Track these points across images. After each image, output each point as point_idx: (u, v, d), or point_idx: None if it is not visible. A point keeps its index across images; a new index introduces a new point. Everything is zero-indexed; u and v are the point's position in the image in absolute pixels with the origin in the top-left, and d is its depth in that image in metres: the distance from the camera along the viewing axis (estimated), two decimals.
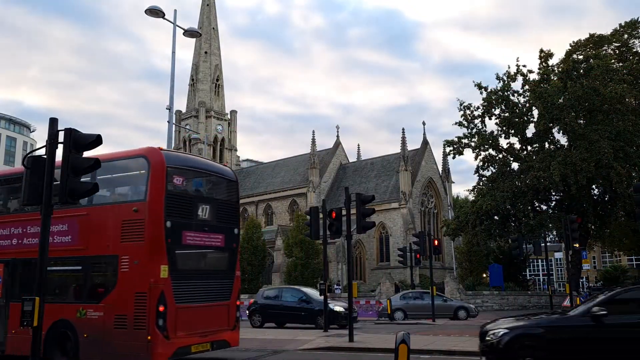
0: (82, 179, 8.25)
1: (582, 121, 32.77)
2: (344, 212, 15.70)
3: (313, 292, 22.29)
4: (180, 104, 77.47)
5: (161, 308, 9.71)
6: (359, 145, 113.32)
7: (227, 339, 11.45)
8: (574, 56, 35.00)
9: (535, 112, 34.38)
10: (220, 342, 11.30)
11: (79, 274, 11.16)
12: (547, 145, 34.88)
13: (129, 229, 10.28)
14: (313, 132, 61.36)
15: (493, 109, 35.78)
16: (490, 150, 36.14)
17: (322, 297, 19.11)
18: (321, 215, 17.89)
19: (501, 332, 9.06)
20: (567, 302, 25.40)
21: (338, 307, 20.78)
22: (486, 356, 9.29)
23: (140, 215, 10.18)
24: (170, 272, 10.02)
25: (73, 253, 11.00)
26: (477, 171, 36.96)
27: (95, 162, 8.23)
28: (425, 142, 58.22)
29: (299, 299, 21.67)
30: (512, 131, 35.44)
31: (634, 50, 35.51)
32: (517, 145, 36.00)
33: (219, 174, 12.46)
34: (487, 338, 9.23)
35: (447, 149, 39.97)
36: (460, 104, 36.52)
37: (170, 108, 20.16)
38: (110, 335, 9.92)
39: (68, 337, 10.45)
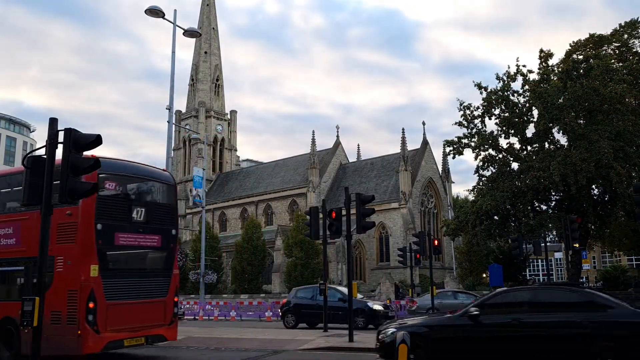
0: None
1: (582, 121, 32.74)
2: (343, 212, 15.70)
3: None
4: (180, 104, 77.60)
5: (91, 305, 10.43)
6: (358, 145, 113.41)
7: (163, 334, 12.15)
8: (574, 56, 34.96)
9: (535, 112, 34.35)
10: (156, 337, 11.98)
11: (21, 274, 11.84)
12: (547, 145, 34.85)
13: (64, 232, 11.00)
14: (313, 132, 61.50)
15: (493, 109, 35.73)
16: (490, 150, 36.10)
17: (360, 296, 19.02)
18: (321, 215, 17.89)
19: (390, 331, 9.60)
20: None
21: (377, 305, 19.83)
22: (379, 353, 9.84)
23: (73, 218, 10.95)
24: (101, 271, 10.77)
25: (16, 254, 11.70)
26: (477, 171, 36.92)
27: (95, 162, 8.25)
28: (425, 142, 58.25)
29: (337, 298, 20.76)
30: (512, 131, 35.40)
31: (634, 50, 35.47)
32: (517, 145, 35.96)
33: (156, 178, 12.92)
34: (379, 337, 9.79)
35: (447, 149, 39.93)
36: (460, 104, 36.49)
37: (170, 108, 20.18)
38: (47, 330, 10.40)
39: (12, 333, 11.14)
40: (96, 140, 8.17)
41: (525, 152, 35.70)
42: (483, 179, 36.83)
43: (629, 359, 7.88)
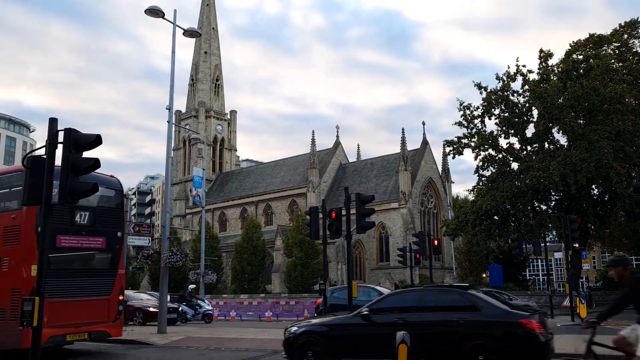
0: None
1: (581, 121, 32.75)
2: (343, 212, 15.70)
3: (388, 291, 21.19)
4: (180, 104, 77.58)
5: None
6: (358, 145, 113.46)
7: (107, 331, 12.87)
8: (574, 56, 34.98)
9: (535, 112, 34.37)
10: (99, 333, 12.72)
11: None
12: (546, 145, 34.87)
13: (9, 235, 11.94)
14: (313, 132, 61.46)
15: (493, 109, 35.76)
16: (490, 150, 36.12)
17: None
18: (321, 215, 17.87)
19: (293, 329, 10.42)
20: (567, 302, 25.40)
21: None
22: (284, 350, 10.48)
23: (17, 222, 11.84)
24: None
25: None
26: (476, 171, 36.95)
27: (95, 162, 8.25)
28: (425, 142, 58.24)
29: (372, 299, 20.39)
30: (512, 131, 35.43)
31: (634, 50, 35.47)
32: (517, 145, 35.99)
33: (101, 184, 13.44)
34: (285, 335, 10.51)
35: (447, 149, 39.98)
36: (460, 104, 36.52)
37: (170, 108, 20.16)
38: None
39: None
40: (96, 140, 8.14)
41: (525, 152, 35.71)
42: (483, 179, 36.85)
43: (500, 355, 8.17)
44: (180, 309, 25.54)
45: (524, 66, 35.29)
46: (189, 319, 26.13)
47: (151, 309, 22.56)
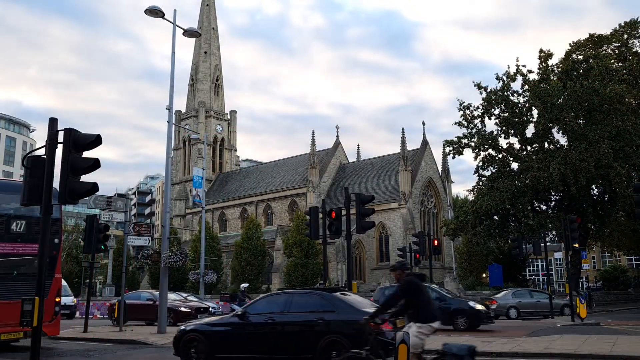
0: None
1: (581, 121, 32.77)
2: (343, 212, 15.71)
3: (445, 290, 20.19)
4: (180, 104, 77.57)
5: None
6: (358, 145, 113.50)
7: (43, 330, 13.68)
8: (574, 56, 35.02)
9: (535, 112, 34.39)
10: None
11: None
12: (546, 145, 34.89)
13: None
14: (313, 132, 61.43)
15: (493, 109, 35.79)
16: (490, 150, 36.15)
17: (458, 295, 18.17)
18: (321, 215, 17.89)
19: (182, 328, 11.46)
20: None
21: (479, 305, 17.98)
22: (173, 346, 11.34)
23: None
24: None
25: None
26: (476, 171, 36.98)
27: (95, 162, 8.24)
28: (424, 142, 58.24)
29: (433, 298, 19.34)
30: (512, 131, 35.45)
31: (634, 50, 35.51)
32: (517, 145, 36.01)
33: None
34: (176, 332, 11.39)
35: (447, 149, 40.00)
36: (460, 104, 36.55)
37: (169, 108, 20.14)
38: None
39: None
40: (96, 140, 8.13)
41: (525, 152, 35.73)
42: (483, 179, 36.86)
43: (350, 350, 8.57)
44: (219, 309, 25.08)
45: (523, 66, 35.36)
46: None
47: (182, 309, 22.30)
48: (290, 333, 10.19)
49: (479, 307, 17.88)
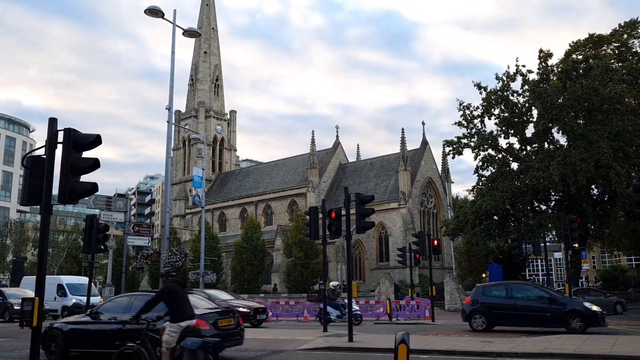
0: None
1: (581, 121, 32.76)
2: (343, 212, 15.67)
3: (554, 290, 20.00)
4: (180, 104, 77.58)
5: None
6: (358, 145, 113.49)
7: None
8: (574, 56, 35.00)
9: (535, 112, 34.39)
10: None
11: None
12: (546, 145, 34.88)
13: None
14: (312, 132, 61.42)
15: (492, 109, 35.77)
16: (490, 150, 36.13)
17: (567, 295, 18.32)
18: (320, 215, 17.88)
19: (48, 324, 12.37)
20: None
21: (595, 306, 17.69)
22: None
23: None
24: None
25: None
26: (476, 171, 36.96)
27: (95, 162, 8.23)
28: (424, 142, 58.24)
29: (539, 297, 18.58)
30: (512, 131, 35.44)
31: (634, 50, 35.49)
32: (517, 145, 36.00)
33: None
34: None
35: (447, 149, 39.98)
36: (460, 104, 36.53)
37: (169, 108, 20.17)
38: None
39: None
40: (96, 140, 8.13)
41: (524, 152, 35.71)
42: (483, 179, 36.84)
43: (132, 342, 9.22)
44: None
45: (523, 66, 35.35)
46: (332, 320, 21.88)
47: (241, 309, 21.87)
48: (128, 330, 10.78)
49: (595, 308, 17.55)
